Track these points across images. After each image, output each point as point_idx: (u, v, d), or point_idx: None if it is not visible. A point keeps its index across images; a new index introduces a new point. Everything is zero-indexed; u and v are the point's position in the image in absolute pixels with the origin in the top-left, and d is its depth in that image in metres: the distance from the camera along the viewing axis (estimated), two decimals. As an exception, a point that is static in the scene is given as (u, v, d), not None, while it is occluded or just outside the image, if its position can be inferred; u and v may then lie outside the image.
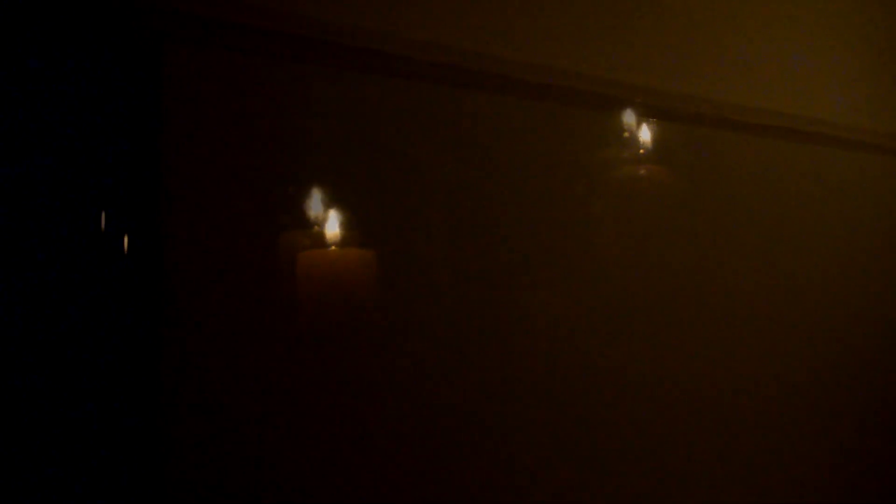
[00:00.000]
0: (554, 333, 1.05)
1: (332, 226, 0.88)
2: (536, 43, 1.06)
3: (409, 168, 0.96)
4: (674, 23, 1.20)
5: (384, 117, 0.95)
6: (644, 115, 1.12)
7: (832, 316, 1.33)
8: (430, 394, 0.95)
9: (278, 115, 0.89)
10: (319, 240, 0.88)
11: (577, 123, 1.09)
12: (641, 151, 1.10)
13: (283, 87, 0.89)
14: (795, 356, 1.29)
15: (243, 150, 0.86)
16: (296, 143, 0.89)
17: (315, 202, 0.88)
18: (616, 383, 1.09)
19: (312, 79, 0.91)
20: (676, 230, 1.16)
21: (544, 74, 1.06)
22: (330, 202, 0.90)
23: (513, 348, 1.02)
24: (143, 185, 0.80)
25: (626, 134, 1.11)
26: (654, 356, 1.13)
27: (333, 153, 0.92)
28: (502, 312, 1.01)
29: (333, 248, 0.89)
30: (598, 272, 1.09)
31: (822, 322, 1.32)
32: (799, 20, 1.34)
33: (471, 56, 1.01)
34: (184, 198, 0.82)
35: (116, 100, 0.79)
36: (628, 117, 1.11)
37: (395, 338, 0.94)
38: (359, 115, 0.93)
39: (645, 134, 1.11)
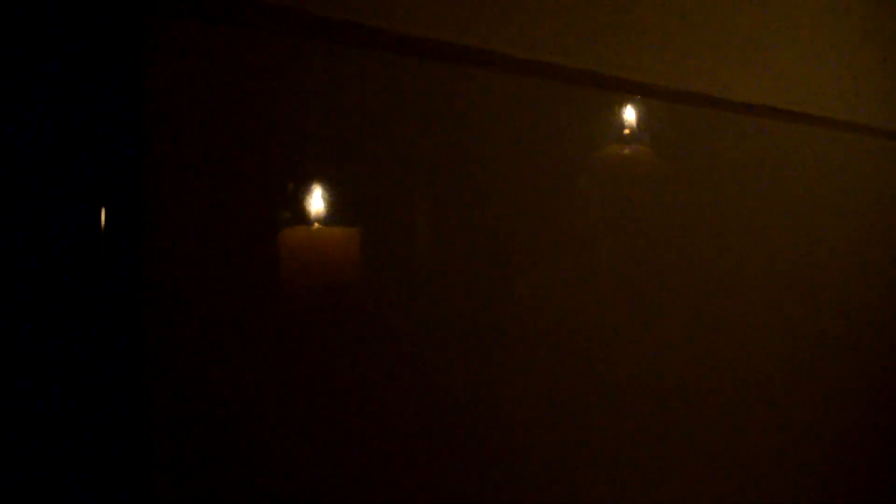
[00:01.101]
0: (543, 315, 1.03)
1: (317, 202, 0.87)
2: (526, 25, 1.05)
3: (397, 147, 0.94)
4: (665, 6, 1.18)
5: (373, 94, 0.93)
6: (637, 98, 1.11)
7: (829, 302, 1.33)
8: (416, 379, 0.93)
9: (264, 91, 0.87)
10: (302, 217, 0.87)
11: (569, 106, 1.07)
12: (629, 134, 1.09)
13: (271, 63, 0.87)
14: (792, 345, 1.28)
15: (226, 128, 0.84)
16: (282, 119, 0.87)
17: (301, 180, 0.87)
18: (607, 370, 1.08)
19: (301, 53, 0.89)
20: (671, 216, 1.15)
21: (536, 56, 1.05)
22: (315, 180, 0.88)
23: (502, 329, 1.00)
24: (124, 167, 0.78)
25: (620, 118, 1.10)
26: (645, 344, 1.12)
27: (321, 130, 0.90)
28: (490, 295, 1.00)
29: (316, 225, 0.87)
30: (590, 257, 1.08)
31: (818, 308, 1.32)
32: (795, 5, 1.33)
33: (464, 36, 1.00)
34: (163, 178, 0.80)
35: (96, 81, 0.77)
36: (623, 101, 1.10)
37: (380, 321, 0.92)
38: (349, 90, 0.91)
39: (638, 117, 1.10)
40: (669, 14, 1.17)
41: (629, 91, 1.12)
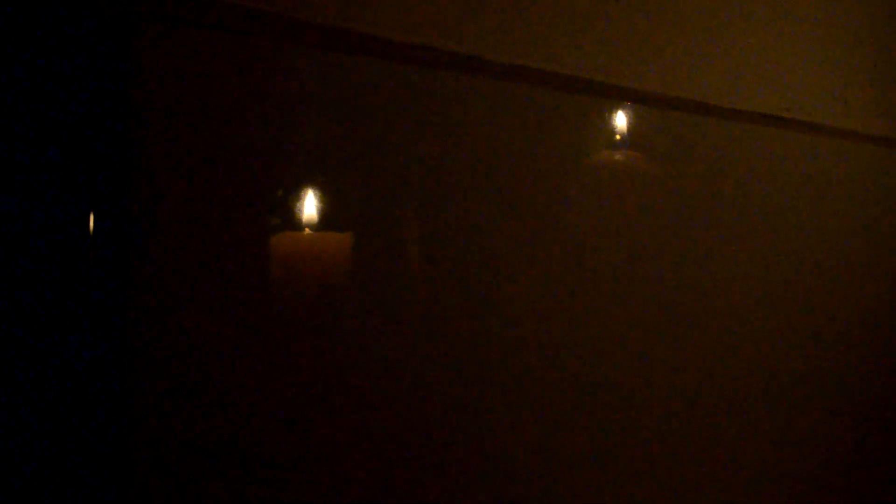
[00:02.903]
0: (535, 321, 1.03)
1: (308, 208, 0.87)
2: (517, 31, 1.05)
3: (388, 153, 0.94)
4: (656, 12, 1.18)
5: (364, 100, 0.93)
6: (628, 105, 1.11)
7: (821, 308, 1.33)
8: (409, 385, 0.93)
9: (253, 97, 0.86)
10: (294, 222, 0.86)
11: (561, 112, 1.07)
12: (620, 140, 1.09)
13: (261, 69, 0.87)
14: (783, 350, 1.28)
15: (216, 133, 0.84)
16: (271, 125, 0.87)
17: (291, 186, 0.86)
18: (600, 375, 1.08)
19: (291, 59, 0.89)
20: (662, 221, 1.15)
21: (528, 62, 1.05)
22: (306, 185, 0.88)
23: (494, 335, 0.99)
24: (113, 172, 0.78)
25: (612, 124, 1.10)
26: (638, 348, 1.12)
27: (311, 136, 0.90)
28: (483, 300, 0.99)
29: (307, 230, 0.87)
30: (582, 262, 1.08)
31: (810, 313, 1.32)
32: (786, 11, 1.34)
33: (454, 43, 1.00)
34: (152, 183, 0.80)
35: (84, 83, 0.77)
36: (614, 107, 1.10)
37: (372, 327, 0.92)
38: (340, 96, 0.91)
39: (629, 123, 1.10)
40: (660, 21, 1.18)
41: (620, 97, 1.12)
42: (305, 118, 0.90)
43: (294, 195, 0.88)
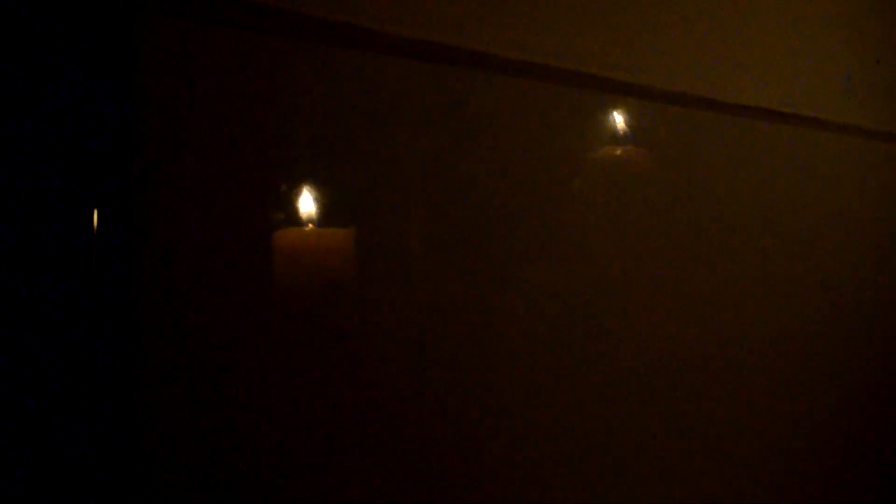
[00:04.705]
0: (537, 314, 1.03)
1: (311, 203, 0.87)
2: (520, 27, 1.05)
3: (391, 148, 0.94)
4: (659, 8, 1.18)
5: (366, 96, 0.93)
6: (631, 100, 1.11)
7: (821, 301, 1.34)
8: (411, 378, 0.93)
9: (257, 92, 0.86)
10: (296, 218, 0.86)
11: (564, 107, 1.07)
12: (624, 135, 1.09)
13: (263, 63, 0.87)
14: (784, 343, 1.28)
15: (219, 129, 0.84)
16: (275, 120, 0.87)
17: (294, 181, 0.86)
18: (601, 367, 1.08)
19: (294, 54, 0.89)
20: (664, 215, 1.15)
21: (531, 58, 1.05)
22: (309, 181, 0.88)
23: (496, 328, 1.00)
24: (116, 168, 0.78)
25: (614, 119, 1.10)
26: (639, 342, 1.12)
27: (313, 131, 0.90)
28: (485, 294, 0.99)
29: (310, 226, 0.87)
30: (584, 256, 1.08)
31: (810, 306, 1.32)
32: (788, 7, 1.34)
33: (458, 38, 1.00)
34: (155, 179, 0.80)
35: (86, 80, 0.77)
36: (617, 102, 1.10)
37: (375, 321, 0.92)
38: (343, 92, 0.91)
39: (632, 119, 1.09)
40: (663, 17, 1.18)
41: (623, 93, 1.12)
42: (309, 113, 0.90)
43: (297, 191, 0.87)
